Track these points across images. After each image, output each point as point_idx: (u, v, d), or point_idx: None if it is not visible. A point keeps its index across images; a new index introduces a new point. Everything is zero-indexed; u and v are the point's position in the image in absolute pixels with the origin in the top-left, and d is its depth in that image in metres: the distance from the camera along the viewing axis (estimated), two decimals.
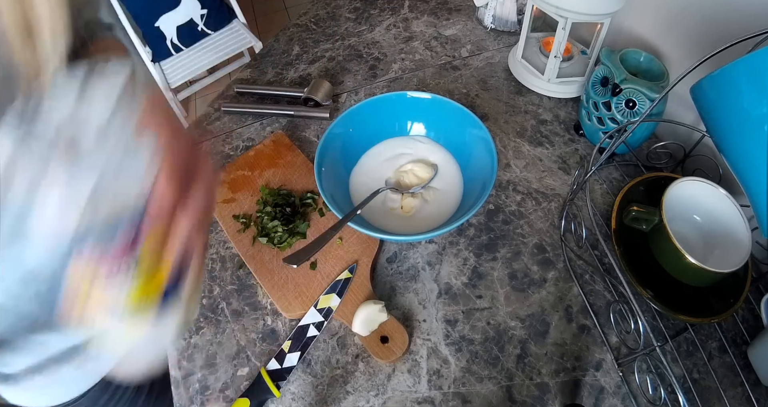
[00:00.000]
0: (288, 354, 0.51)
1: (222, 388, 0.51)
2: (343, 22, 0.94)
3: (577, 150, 0.70)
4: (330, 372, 0.51)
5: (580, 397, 0.49)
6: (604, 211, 0.63)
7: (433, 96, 0.64)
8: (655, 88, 0.57)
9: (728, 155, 0.44)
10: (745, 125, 0.39)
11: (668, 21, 0.65)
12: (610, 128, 0.63)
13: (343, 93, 0.80)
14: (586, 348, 0.52)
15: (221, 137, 0.75)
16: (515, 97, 0.77)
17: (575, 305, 0.55)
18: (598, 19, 0.65)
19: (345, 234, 0.60)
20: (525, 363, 0.51)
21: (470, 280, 0.57)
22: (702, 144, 0.59)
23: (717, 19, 0.57)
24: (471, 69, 0.82)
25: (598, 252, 0.59)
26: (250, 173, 0.67)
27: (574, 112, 0.75)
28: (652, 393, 0.47)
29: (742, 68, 0.38)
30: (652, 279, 0.50)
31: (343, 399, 0.50)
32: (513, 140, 0.71)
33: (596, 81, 0.63)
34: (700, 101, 0.44)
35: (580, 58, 0.76)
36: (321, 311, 0.54)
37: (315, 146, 0.72)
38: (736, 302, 0.49)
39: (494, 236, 0.61)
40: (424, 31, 0.91)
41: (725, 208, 0.50)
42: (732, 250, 0.48)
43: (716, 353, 0.51)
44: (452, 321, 0.54)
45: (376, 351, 0.51)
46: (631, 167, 0.67)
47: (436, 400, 0.49)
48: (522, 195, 0.65)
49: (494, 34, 0.89)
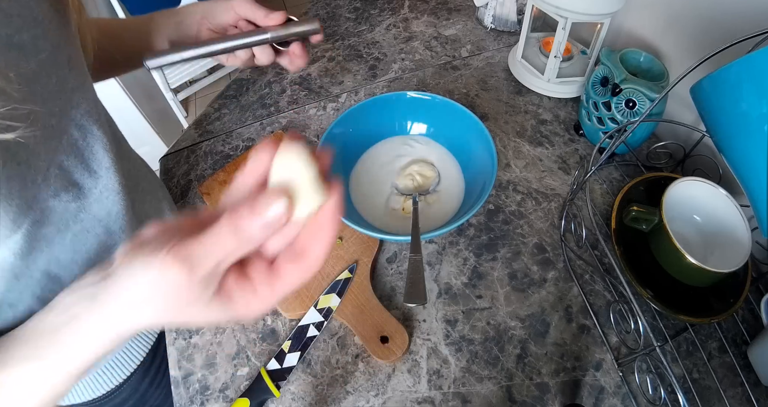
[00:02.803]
0: (288, 354, 0.51)
1: (222, 388, 0.51)
2: (343, 22, 0.94)
3: (577, 150, 0.70)
4: (330, 372, 0.51)
5: (580, 397, 0.49)
6: (604, 211, 0.63)
7: (433, 96, 0.64)
8: (655, 88, 0.57)
9: (728, 155, 0.44)
10: (745, 125, 0.39)
11: (668, 21, 0.65)
12: (610, 128, 0.63)
13: (343, 93, 0.80)
14: (586, 348, 0.52)
15: (221, 137, 0.75)
16: (515, 97, 0.77)
17: (575, 305, 0.55)
18: (598, 19, 0.65)
19: (345, 234, 0.60)
20: (525, 363, 0.51)
21: (470, 280, 0.57)
22: (702, 144, 0.59)
23: (717, 19, 0.57)
24: (471, 69, 0.82)
25: (598, 252, 0.59)
26: None
27: (574, 112, 0.75)
28: (652, 393, 0.47)
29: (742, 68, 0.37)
30: (652, 279, 0.50)
31: (343, 399, 0.50)
32: (513, 140, 0.71)
33: (596, 81, 0.63)
34: (700, 101, 0.44)
35: (580, 58, 0.76)
36: (321, 311, 0.54)
37: (315, 146, 0.72)
38: (736, 302, 0.49)
39: (494, 236, 0.61)
40: (424, 31, 0.91)
41: (725, 208, 0.50)
42: (732, 250, 0.48)
43: (716, 353, 0.51)
44: (452, 321, 0.54)
45: (376, 351, 0.51)
46: (631, 167, 0.67)
47: (436, 400, 0.49)
48: (522, 195, 0.65)
49: (494, 34, 0.89)
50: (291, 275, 0.25)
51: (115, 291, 0.24)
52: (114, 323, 0.25)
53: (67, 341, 0.26)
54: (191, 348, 0.54)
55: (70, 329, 0.26)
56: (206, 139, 0.75)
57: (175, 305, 0.24)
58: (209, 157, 0.72)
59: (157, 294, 0.23)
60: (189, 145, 0.75)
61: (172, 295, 0.23)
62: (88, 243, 0.39)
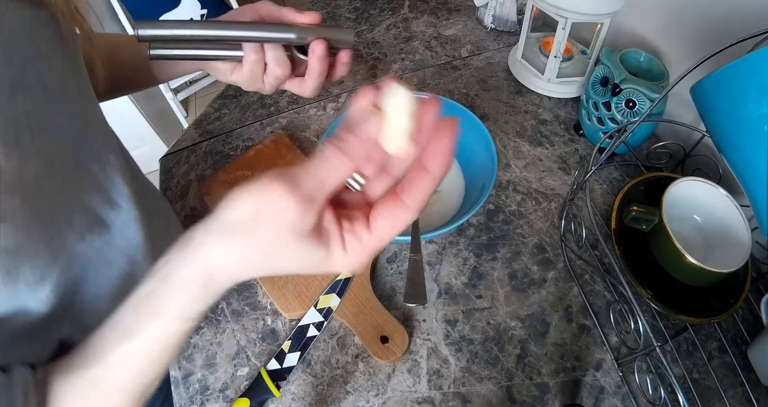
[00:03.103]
0: (288, 354, 0.51)
1: (222, 388, 0.51)
2: (343, 22, 0.94)
3: (577, 150, 0.70)
4: (330, 372, 0.51)
5: (580, 397, 0.49)
6: (604, 211, 0.63)
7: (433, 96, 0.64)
8: (655, 88, 0.57)
9: (728, 155, 0.44)
10: (745, 125, 0.39)
11: (668, 21, 0.65)
12: (610, 128, 0.63)
13: (343, 93, 0.80)
14: (586, 348, 0.52)
15: (221, 137, 0.75)
16: (515, 97, 0.77)
17: (575, 305, 0.55)
18: (598, 19, 0.65)
19: None
20: (525, 363, 0.51)
21: (470, 280, 0.57)
22: (702, 144, 0.59)
23: (717, 19, 0.57)
24: (471, 69, 0.82)
25: (598, 252, 0.59)
26: (250, 173, 0.67)
27: (574, 112, 0.75)
28: (652, 393, 0.47)
29: (741, 68, 0.38)
30: (652, 279, 0.50)
31: (343, 399, 0.50)
32: (513, 140, 0.71)
33: (596, 81, 0.63)
34: (700, 101, 0.44)
35: (580, 58, 0.76)
36: (321, 311, 0.54)
37: (315, 146, 0.72)
38: (736, 302, 0.49)
39: (494, 236, 0.61)
40: (424, 31, 0.91)
41: (725, 208, 0.50)
42: (732, 250, 0.48)
43: (716, 353, 0.51)
44: (452, 321, 0.54)
45: (376, 351, 0.51)
46: (631, 167, 0.67)
47: (436, 400, 0.49)
48: (522, 195, 0.65)
49: (494, 34, 0.89)
50: (390, 217, 0.24)
51: (210, 225, 0.23)
52: (207, 260, 0.24)
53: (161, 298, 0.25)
54: (191, 348, 0.54)
55: (165, 283, 0.25)
56: (206, 139, 0.75)
57: (272, 232, 0.22)
58: (209, 157, 0.72)
59: (255, 217, 0.22)
60: (189, 145, 0.75)
61: (272, 217, 0.22)
62: (112, 276, 0.38)
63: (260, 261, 0.24)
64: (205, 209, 0.66)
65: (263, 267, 0.24)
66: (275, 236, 0.23)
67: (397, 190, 0.25)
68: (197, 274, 0.24)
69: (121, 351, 0.26)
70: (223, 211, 0.23)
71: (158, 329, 0.25)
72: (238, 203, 0.23)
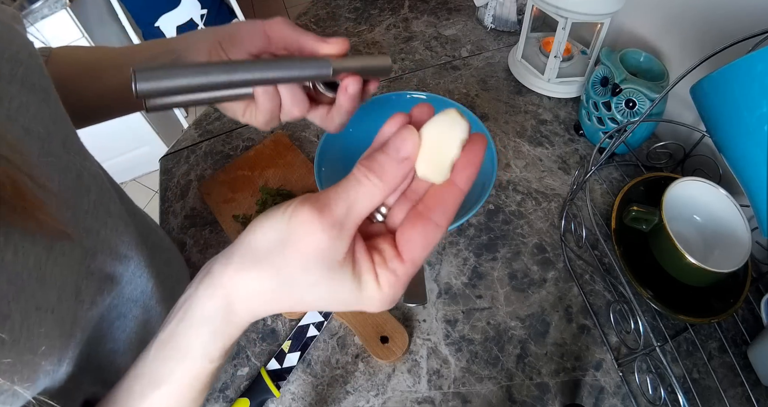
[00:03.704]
0: (288, 354, 0.51)
1: (222, 388, 0.51)
2: (343, 22, 0.94)
3: (577, 150, 0.70)
4: (330, 372, 0.51)
5: (580, 397, 0.49)
6: (604, 211, 0.63)
7: (433, 96, 0.64)
8: (655, 88, 0.57)
9: (728, 155, 0.44)
10: (745, 125, 0.39)
11: (668, 21, 0.65)
12: (610, 128, 0.63)
13: None
14: (586, 348, 0.52)
15: (221, 137, 0.75)
16: (515, 97, 0.77)
17: (575, 305, 0.55)
18: (598, 19, 0.65)
19: None
20: (525, 363, 0.51)
21: (470, 280, 0.57)
22: (702, 144, 0.59)
23: (717, 19, 0.57)
24: (471, 69, 0.82)
25: (598, 252, 0.59)
26: (250, 173, 0.67)
27: (574, 112, 0.75)
28: (652, 393, 0.47)
29: (742, 68, 0.37)
30: (652, 279, 0.50)
31: (343, 399, 0.50)
32: (513, 140, 0.71)
33: (596, 81, 0.63)
34: (700, 101, 0.44)
35: (580, 58, 0.76)
36: (321, 311, 0.54)
37: (315, 146, 0.72)
38: (736, 302, 0.49)
39: (494, 236, 0.61)
40: (424, 31, 0.90)
41: (725, 208, 0.50)
42: (732, 250, 0.48)
43: (716, 353, 0.51)
44: (452, 321, 0.54)
45: (376, 351, 0.51)
46: (631, 167, 0.67)
47: (436, 400, 0.49)
48: (522, 195, 0.65)
49: (494, 34, 0.89)
50: (422, 240, 0.22)
51: (230, 255, 0.22)
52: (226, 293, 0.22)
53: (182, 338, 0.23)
54: None
55: (185, 322, 0.23)
56: (206, 138, 0.75)
57: (299, 260, 0.20)
58: (209, 157, 0.72)
59: (281, 244, 0.20)
60: (189, 145, 0.75)
61: (299, 244, 0.20)
62: (127, 328, 0.36)
63: (284, 293, 0.22)
64: (206, 209, 0.66)
65: (287, 300, 0.22)
66: (302, 265, 0.21)
67: (419, 209, 0.23)
68: (217, 308, 0.22)
69: (148, 402, 0.24)
70: (245, 238, 0.22)
71: (184, 372, 0.24)
72: (261, 229, 0.21)
